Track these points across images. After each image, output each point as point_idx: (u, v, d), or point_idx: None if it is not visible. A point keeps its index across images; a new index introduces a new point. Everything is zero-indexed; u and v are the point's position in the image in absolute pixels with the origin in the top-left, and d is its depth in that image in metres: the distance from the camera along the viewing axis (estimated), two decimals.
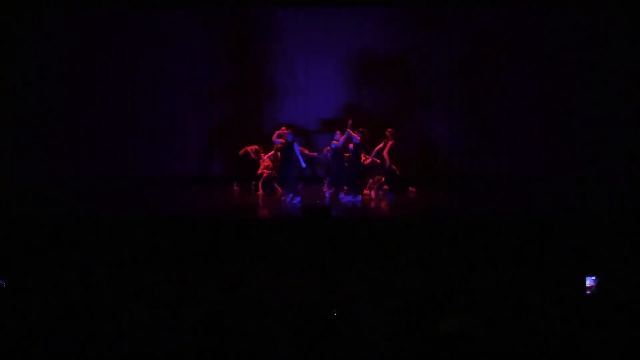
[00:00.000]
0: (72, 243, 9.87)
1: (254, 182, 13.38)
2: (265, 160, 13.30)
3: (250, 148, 13.54)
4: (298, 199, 12.20)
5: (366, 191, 13.06)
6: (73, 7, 14.78)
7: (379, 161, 12.89)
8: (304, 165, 12.59)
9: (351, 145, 12.46)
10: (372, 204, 12.35)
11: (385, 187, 12.95)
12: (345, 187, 12.49)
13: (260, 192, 13.12)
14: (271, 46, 15.31)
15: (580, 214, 10.95)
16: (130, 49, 15.20)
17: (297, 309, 6.57)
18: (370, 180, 13.13)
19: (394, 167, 12.76)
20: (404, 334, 6.02)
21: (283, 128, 12.99)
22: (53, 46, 14.90)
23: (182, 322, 6.26)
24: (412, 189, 13.24)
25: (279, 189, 13.05)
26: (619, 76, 14.69)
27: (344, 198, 12.38)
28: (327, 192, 12.87)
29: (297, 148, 12.44)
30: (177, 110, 15.39)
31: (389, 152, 12.55)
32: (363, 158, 12.73)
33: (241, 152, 13.59)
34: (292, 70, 15.35)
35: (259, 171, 13.24)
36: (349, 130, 12.38)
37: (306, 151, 13.44)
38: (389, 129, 12.82)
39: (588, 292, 7.25)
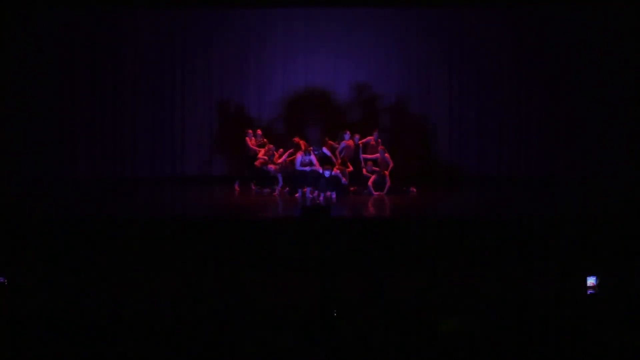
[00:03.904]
0: (71, 243, 9.86)
1: (254, 182, 13.37)
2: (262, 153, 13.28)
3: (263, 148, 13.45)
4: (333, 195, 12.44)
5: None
6: (72, 6, 14.76)
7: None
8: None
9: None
10: (372, 204, 12.35)
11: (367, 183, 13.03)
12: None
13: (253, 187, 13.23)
14: (271, 46, 15.33)
15: (581, 214, 10.94)
16: (130, 48, 15.19)
17: (297, 309, 6.56)
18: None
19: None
20: (404, 334, 6.00)
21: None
22: (52, 45, 14.87)
23: (181, 322, 6.25)
24: (412, 189, 13.23)
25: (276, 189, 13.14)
26: (619, 76, 14.67)
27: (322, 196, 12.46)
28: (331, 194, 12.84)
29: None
30: (176, 110, 15.38)
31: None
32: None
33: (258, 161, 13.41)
34: (292, 70, 15.36)
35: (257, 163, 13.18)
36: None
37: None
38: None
39: (589, 292, 7.24)
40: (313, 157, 12.64)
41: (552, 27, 14.92)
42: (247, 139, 13.59)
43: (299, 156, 12.68)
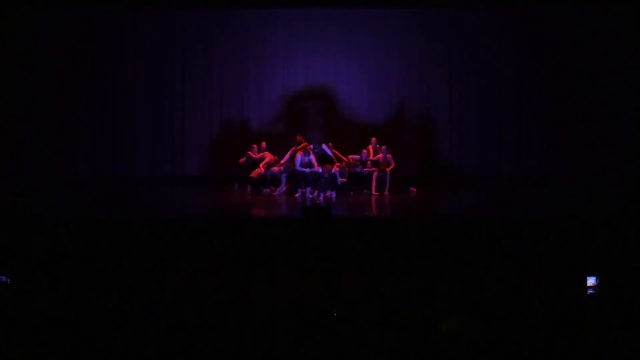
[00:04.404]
0: (71, 243, 9.86)
1: (249, 185, 13.38)
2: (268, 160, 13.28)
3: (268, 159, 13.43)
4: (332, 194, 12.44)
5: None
6: (72, 6, 14.76)
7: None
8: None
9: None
10: (372, 204, 12.35)
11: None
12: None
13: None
14: (271, 46, 15.33)
15: (581, 214, 10.93)
16: (130, 48, 15.19)
17: (297, 309, 6.56)
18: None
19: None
20: (404, 334, 6.01)
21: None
22: (52, 45, 14.87)
23: (181, 323, 6.25)
24: (412, 189, 13.24)
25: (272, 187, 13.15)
26: (619, 76, 14.67)
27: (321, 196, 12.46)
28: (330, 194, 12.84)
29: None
30: (176, 110, 15.38)
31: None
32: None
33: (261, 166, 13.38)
34: (292, 70, 15.36)
35: (260, 171, 13.19)
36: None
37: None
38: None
39: (589, 292, 7.24)
40: (312, 157, 12.68)
41: (553, 27, 14.93)
42: (249, 152, 13.57)
43: (298, 156, 12.71)
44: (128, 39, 15.20)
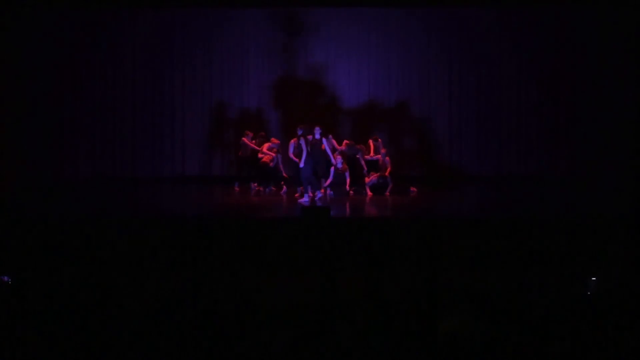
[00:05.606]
0: (70, 243, 9.85)
1: (255, 184, 13.35)
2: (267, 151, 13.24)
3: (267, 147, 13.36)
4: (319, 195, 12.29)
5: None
6: (72, 6, 14.76)
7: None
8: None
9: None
10: (372, 204, 12.35)
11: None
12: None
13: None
14: (271, 46, 15.34)
15: (581, 214, 10.94)
16: (130, 48, 15.20)
17: (297, 309, 6.56)
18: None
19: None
20: (403, 334, 6.00)
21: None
22: (52, 45, 14.87)
23: (181, 323, 6.25)
24: (412, 189, 13.24)
25: (273, 187, 13.08)
26: (619, 76, 14.67)
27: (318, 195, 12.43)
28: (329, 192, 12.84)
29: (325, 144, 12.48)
30: (177, 110, 15.38)
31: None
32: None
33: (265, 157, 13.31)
34: (292, 70, 15.37)
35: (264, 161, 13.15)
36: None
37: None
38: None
39: (589, 292, 7.24)
40: (326, 143, 12.44)
41: (552, 27, 14.95)
42: (244, 139, 13.55)
43: (292, 143, 12.58)
44: (128, 39, 15.20)
